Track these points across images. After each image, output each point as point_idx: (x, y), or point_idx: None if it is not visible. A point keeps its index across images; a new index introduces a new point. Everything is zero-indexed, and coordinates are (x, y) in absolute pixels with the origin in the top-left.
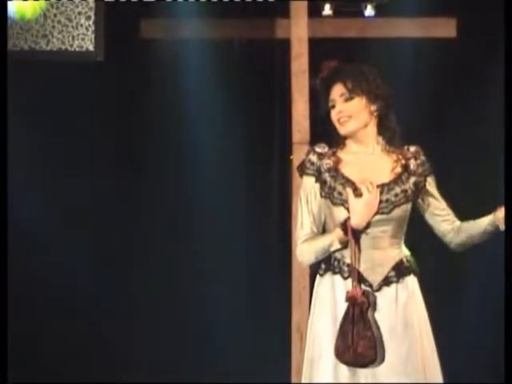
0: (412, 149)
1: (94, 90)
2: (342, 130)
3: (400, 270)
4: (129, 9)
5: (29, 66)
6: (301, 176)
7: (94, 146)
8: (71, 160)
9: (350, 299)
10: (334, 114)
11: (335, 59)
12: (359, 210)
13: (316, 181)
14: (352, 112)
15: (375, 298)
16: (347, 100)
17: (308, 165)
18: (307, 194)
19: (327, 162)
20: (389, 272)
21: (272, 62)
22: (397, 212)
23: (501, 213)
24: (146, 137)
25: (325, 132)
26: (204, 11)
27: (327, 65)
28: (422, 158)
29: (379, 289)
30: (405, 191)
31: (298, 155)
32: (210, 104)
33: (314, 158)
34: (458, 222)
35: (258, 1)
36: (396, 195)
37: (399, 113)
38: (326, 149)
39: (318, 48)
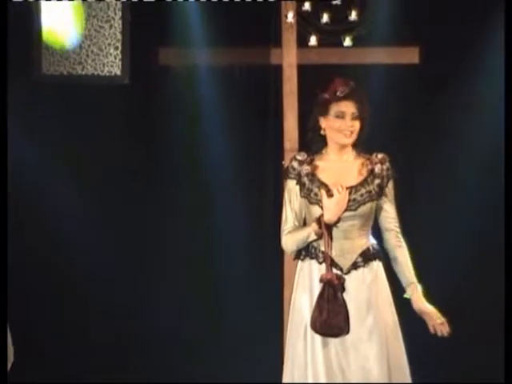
0: (379, 156)
1: (120, 107)
2: (344, 140)
3: (366, 256)
4: (149, 40)
5: (65, 88)
6: (285, 179)
7: (119, 153)
8: (96, 169)
9: (324, 281)
10: (340, 125)
11: (348, 80)
12: (331, 208)
13: (296, 183)
14: (355, 129)
15: (345, 280)
16: (354, 118)
17: (290, 170)
18: (290, 195)
19: (306, 168)
20: (356, 258)
21: (267, 84)
22: (362, 209)
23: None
24: (162, 143)
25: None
26: (212, 41)
27: (347, 82)
28: (387, 164)
29: (348, 272)
30: (369, 192)
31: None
32: (215, 118)
33: (295, 164)
34: (397, 234)
35: (255, 32)
36: (361, 195)
37: (372, 127)
38: (306, 156)
39: (306, 73)
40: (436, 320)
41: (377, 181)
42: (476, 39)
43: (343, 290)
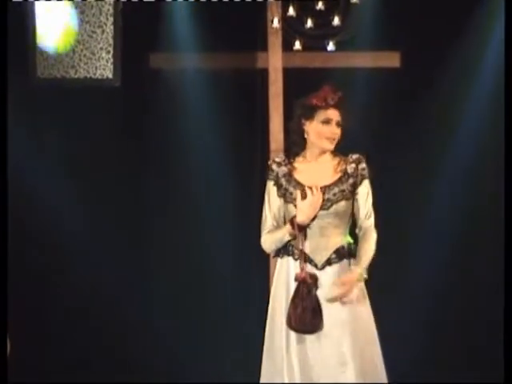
0: (354, 156)
1: (112, 109)
2: (328, 146)
3: (340, 253)
4: (140, 44)
5: (59, 91)
6: (266, 180)
7: (111, 154)
8: (85, 165)
9: (298, 279)
10: (326, 132)
11: (336, 89)
12: (304, 210)
13: (274, 184)
14: (338, 136)
15: (318, 278)
16: (338, 126)
17: (270, 171)
18: (268, 195)
19: (283, 169)
20: (331, 255)
21: (253, 87)
22: (336, 208)
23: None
24: (152, 144)
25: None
26: (200, 46)
27: (336, 90)
28: (363, 164)
29: (323, 268)
30: (342, 191)
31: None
32: (205, 119)
33: (274, 166)
34: (365, 230)
35: (242, 37)
36: (334, 194)
37: (352, 128)
38: (284, 158)
39: (290, 76)
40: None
41: (350, 180)
42: (455, 43)
43: (317, 287)
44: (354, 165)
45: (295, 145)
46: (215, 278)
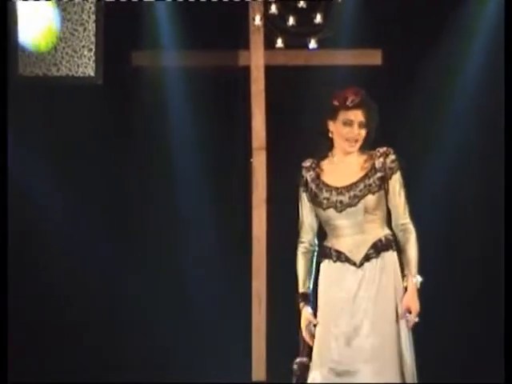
0: (382, 150)
1: (94, 106)
2: (349, 148)
3: (378, 248)
4: (122, 42)
5: (41, 89)
6: (299, 188)
7: (92, 152)
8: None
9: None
10: (347, 133)
11: (360, 88)
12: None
13: (304, 190)
14: (361, 137)
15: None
16: (361, 127)
17: (300, 178)
18: (301, 201)
19: (311, 174)
20: (368, 250)
21: (235, 85)
22: (363, 203)
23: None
24: (134, 142)
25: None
26: (182, 44)
27: (358, 91)
28: (392, 156)
29: (361, 265)
30: (369, 185)
31: (256, 158)
32: (187, 117)
33: (303, 171)
34: (403, 227)
35: (224, 35)
36: (360, 190)
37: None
38: (310, 163)
39: (273, 73)
40: (414, 319)
41: (378, 174)
42: (437, 41)
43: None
44: (381, 159)
45: (321, 144)
46: (195, 276)
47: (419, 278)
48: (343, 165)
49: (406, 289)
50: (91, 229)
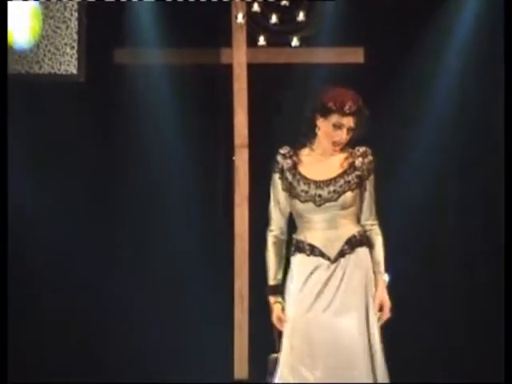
0: (361, 149)
1: (77, 103)
2: (332, 150)
3: (352, 244)
4: (104, 40)
5: (23, 87)
6: (272, 173)
7: (74, 150)
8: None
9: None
10: (334, 136)
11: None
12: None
13: (280, 177)
14: (346, 141)
15: None
16: (349, 132)
17: (275, 164)
18: (274, 188)
19: (288, 162)
20: (343, 246)
21: (218, 83)
22: (343, 199)
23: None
24: (117, 139)
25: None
26: (165, 42)
27: (357, 99)
28: (370, 157)
29: (336, 260)
30: (348, 182)
31: (238, 156)
32: (169, 115)
33: (279, 158)
34: (372, 227)
35: (206, 32)
36: (340, 186)
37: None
38: (287, 150)
39: (255, 71)
40: (387, 314)
41: (357, 172)
42: (419, 39)
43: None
44: (361, 158)
45: (303, 136)
46: (177, 274)
47: (387, 277)
48: (323, 159)
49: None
50: (72, 227)
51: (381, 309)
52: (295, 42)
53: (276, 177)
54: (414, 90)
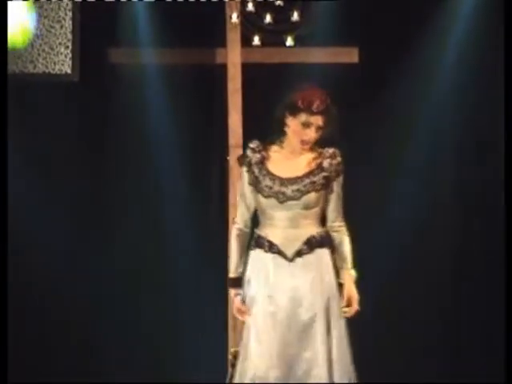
0: (330, 150)
1: (71, 103)
2: (301, 149)
3: (311, 244)
4: (99, 40)
5: (17, 86)
6: (240, 166)
7: (69, 150)
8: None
9: None
10: (303, 134)
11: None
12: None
13: (247, 170)
14: (314, 140)
15: None
16: (318, 131)
17: (244, 157)
18: (242, 181)
19: (256, 156)
20: (301, 245)
21: (212, 83)
22: (305, 198)
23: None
24: (111, 140)
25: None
26: (159, 41)
27: (325, 98)
28: (339, 159)
29: (293, 259)
30: (313, 182)
31: (232, 156)
32: (163, 115)
33: (248, 151)
34: (339, 228)
35: (201, 32)
36: (305, 185)
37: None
38: (257, 145)
39: (249, 71)
40: (355, 307)
41: (324, 174)
42: (414, 39)
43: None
44: (329, 160)
45: (273, 133)
46: (172, 275)
47: (354, 272)
48: (291, 156)
49: (340, 284)
50: (66, 226)
51: (349, 303)
52: (290, 41)
53: (244, 170)
54: (410, 90)
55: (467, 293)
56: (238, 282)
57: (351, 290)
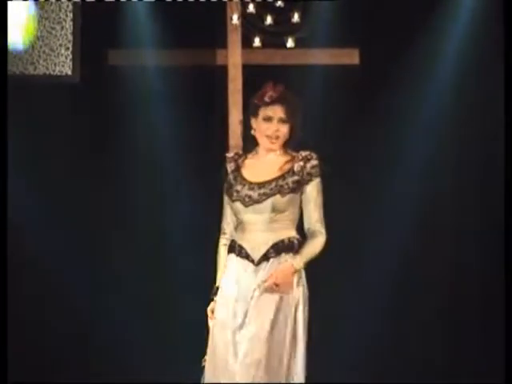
0: (304, 153)
1: (71, 104)
2: (270, 145)
3: (278, 249)
4: (99, 41)
5: (17, 88)
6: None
7: (69, 151)
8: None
9: None
10: (266, 129)
11: (280, 84)
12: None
13: (225, 180)
14: (281, 134)
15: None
16: (283, 122)
17: (224, 169)
18: (223, 192)
19: (231, 165)
20: (268, 250)
21: (213, 84)
22: (272, 202)
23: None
24: (112, 141)
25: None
26: (160, 43)
27: (276, 87)
28: (314, 162)
29: (259, 263)
30: (280, 186)
31: None
32: (164, 116)
33: (226, 162)
34: (314, 233)
35: (201, 34)
36: (271, 189)
37: (306, 124)
38: (233, 154)
39: (250, 73)
40: (271, 282)
41: (295, 177)
42: (414, 40)
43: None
44: (301, 163)
45: (246, 141)
46: (174, 276)
47: (300, 263)
48: (264, 162)
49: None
50: (65, 228)
51: (271, 278)
52: (290, 43)
53: (223, 180)
54: (410, 91)
55: (467, 293)
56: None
57: (281, 271)
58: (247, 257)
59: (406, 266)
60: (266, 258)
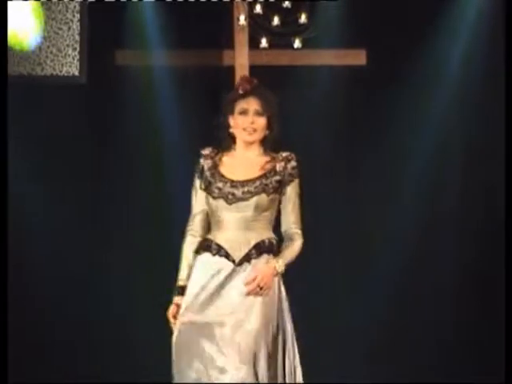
0: (284, 154)
1: (78, 105)
2: (248, 137)
3: (260, 249)
4: (106, 41)
5: (25, 88)
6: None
7: (76, 151)
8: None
9: None
10: (243, 122)
11: (253, 78)
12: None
13: (199, 177)
14: (258, 126)
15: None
16: (258, 115)
17: (196, 164)
18: (195, 188)
19: (208, 162)
20: (250, 250)
21: (220, 84)
22: (256, 200)
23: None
24: (119, 141)
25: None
26: (167, 43)
27: (250, 79)
28: (293, 163)
29: (240, 264)
30: (265, 185)
31: None
32: (170, 117)
33: (200, 159)
34: (291, 235)
35: (208, 34)
36: (256, 187)
37: (314, 125)
38: (209, 151)
39: (257, 73)
40: (254, 285)
41: (277, 177)
42: (422, 41)
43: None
44: (283, 163)
45: (222, 140)
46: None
47: (282, 266)
48: (244, 160)
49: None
50: (72, 227)
51: (254, 280)
52: (297, 43)
53: (196, 177)
54: (417, 92)
55: (467, 293)
56: (184, 292)
57: (263, 271)
58: (227, 256)
59: (407, 267)
60: (247, 258)
